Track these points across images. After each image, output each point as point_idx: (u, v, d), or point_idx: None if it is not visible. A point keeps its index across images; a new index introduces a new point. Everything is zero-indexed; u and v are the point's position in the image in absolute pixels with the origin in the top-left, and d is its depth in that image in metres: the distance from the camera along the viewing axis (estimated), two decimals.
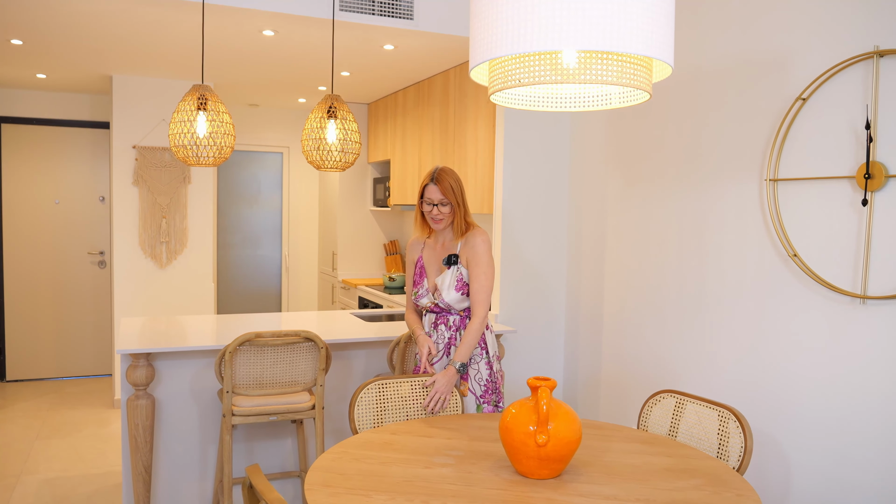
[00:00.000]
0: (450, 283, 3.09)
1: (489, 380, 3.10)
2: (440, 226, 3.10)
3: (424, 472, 2.17)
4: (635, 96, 2.06)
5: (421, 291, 3.19)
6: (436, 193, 3.06)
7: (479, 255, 3.05)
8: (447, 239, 3.18)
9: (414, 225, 3.23)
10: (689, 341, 3.57)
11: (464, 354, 3.01)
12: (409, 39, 4.42)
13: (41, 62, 5.36)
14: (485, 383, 3.09)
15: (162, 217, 6.00)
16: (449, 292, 3.08)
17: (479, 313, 3.04)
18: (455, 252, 3.12)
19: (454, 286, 3.08)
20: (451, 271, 3.10)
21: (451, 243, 3.16)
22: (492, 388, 3.10)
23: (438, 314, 3.16)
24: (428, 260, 3.22)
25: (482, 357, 3.10)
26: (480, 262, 3.05)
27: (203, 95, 3.46)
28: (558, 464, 2.13)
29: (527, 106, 2.16)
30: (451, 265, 3.10)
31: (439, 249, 3.19)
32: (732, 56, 3.31)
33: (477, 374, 3.09)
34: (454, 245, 3.14)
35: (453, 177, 3.08)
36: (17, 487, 4.28)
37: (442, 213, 3.07)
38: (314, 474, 2.13)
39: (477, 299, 3.05)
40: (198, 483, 3.72)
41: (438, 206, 3.07)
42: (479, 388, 3.09)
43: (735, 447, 2.48)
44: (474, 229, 3.12)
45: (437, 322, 3.16)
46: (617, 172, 4.10)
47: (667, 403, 2.75)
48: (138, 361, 3.37)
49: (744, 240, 3.25)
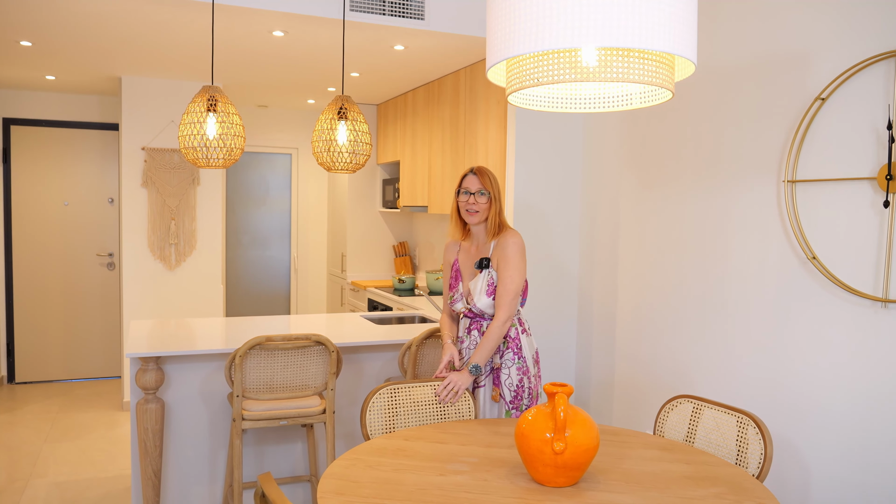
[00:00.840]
0: (481, 288, 3.02)
1: (520, 386, 3.01)
2: (475, 219, 3.03)
3: (439, 479, 2.13)
4: (656, 96, 2.02)
5: (456, 296, 3.14)
6: (474, 183, 3.02)
7: (508, 257, 2.98)
8: (481, 241, 3.12)
9: (450, 223, 3.17)
10: (705, 345, 3.52)
11: (480, 356, 2.94)
12: (419, 40, 4.38)
13: (50, 64, 5.35)
14: (515, 389, 3.01)
15: (171, 219, 5.98)
16: (480, 297, 3.02)
17: (500, 316, 2.95)
18: (487, 255, 3.07)
19: (485, 291, 3.02)
20: (483, 276, 3.03)
21: (484, 246, 3.10)
22: (522, 394, 3.01)
23: (472, 319, 3.09)
24: (463, 263, 3.17)
25: (514, 362, 3.01)
26: (510, 264, 2.97)
27: (213, 97, 3.43)
28: (576, 471, 2.09)
29: (545, 107, 2.12)
30: (483, 269, 3.04)
31: (474, 252, 3.14)
32: (750, 55, 3.26)
33: (507, 378, 3.01)
34: (487, 248, 3.08)
35: (493, 174, 3.06)
36: (26, 491, 4.25)
37: (479, 204, 3.01)
38: (327, 482, 2.09)
39: (501, 301, 2.96)
40: (207, 487, 3.69)
41: (476, 196, 3.01)
42: (508, 393, 3.01)
43: (754, 454, 2.43)
44: (508, 231, 3.05)
45: (470, 327, 3.09)
46: (631, 174, 4.05)
47: (684, 409, 2.70)
48: (148, 365, 3.34)
49: (761, 242, 3.20)
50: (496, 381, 3.03)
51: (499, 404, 3.04)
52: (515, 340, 3.03)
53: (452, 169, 5.31)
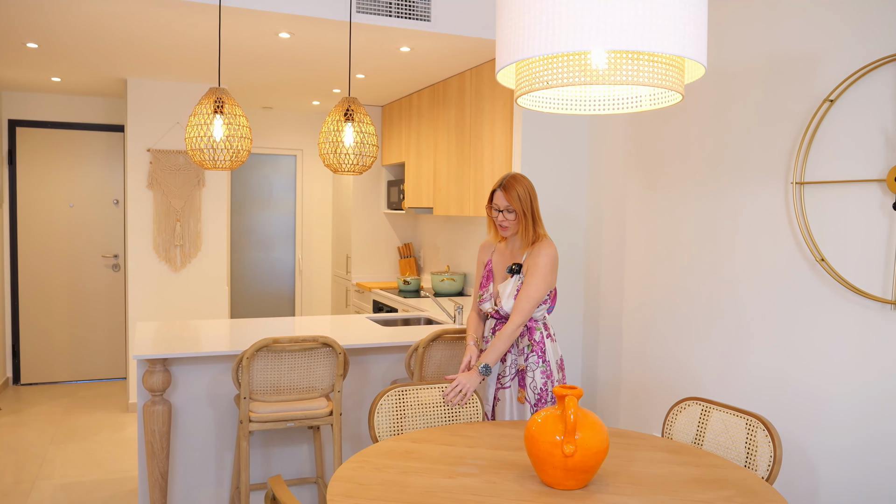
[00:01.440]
0: (510, 293, 3.05)
1: (543, 389, 3.04)
2: (507, 233, 3.09)
3: (447, 482, 2.13)
4: (666, 98, 2.01)
5: (485, 296, 3.18)
6: (502, 200, 3.02)
7: (537, 267, 3.00)
8: (516, 247, 3.15)
9: (487, 229, 3.20)
10: (712, 347, 3.51)
11: (490, 357, 2.97)
12: (425, 41, 4.38)
13: (56, 65, 5.36)
14: (539, 392, 3.03)
15: (176, 220, 5.98)
16: (508, 301, 3.05)
17: (514, 320, 2.98)
18: (520, 261, 3.09)
19: (513, 296, 3.04)
20: (513, 280, 3.07)
21: (518, 251, 3.13)
22: (546, 397, 3.03)
23: (498, 321, 3.13)
24: (497, 265, 3.20)
25: (538, 365, 3.04)
26: (537, 273, 2.99)
27: (220, 98, 3.43)
28: (585, 474, 2.09)
29: (554, 109, 2.12)
30: (514, 274, 3.08)
31: (508, 255, 3.17)
32: (758, 56, 3.25)
33: (532, 382, 3.04)
34: (521, 254, 3.11)
35: (524, 185, 3.02)
36: (32, 493, 4.26)
37: (507, 221, 3.03)
38: (336, 485, 2.09)
39: (519, 306, 2.98)
40: (214, 489, 3.69)
41: (504, 213, 3.03)
42: (533, 396, 3.03)
43: (764, 457, 2.42)
44: (543, 241, 3.06)
45: (495, 328, 3.13)
46: (637, 175, 4.05)
47: (692, 411, 2.70)
48: (154, 367, 3.34)
49: (769, 244, 3.20)
50: (521, 382, 3.06)
51: (524, 407, 3.07)
52: (540, 344, 3.06)
53: (458, 170, 5.31)
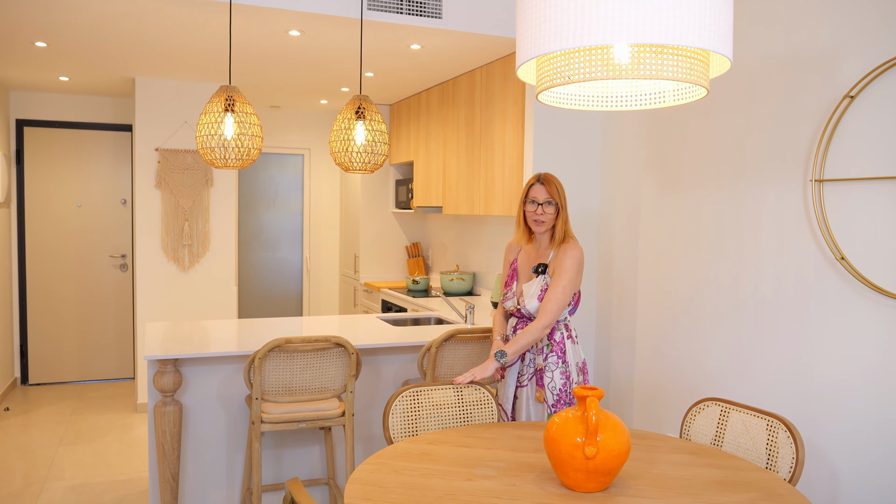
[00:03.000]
0: (534, 292, 3.05)
1: (562, 390, 3.02)
2: (542, 228, 3.06)
3: (467, 484, 2.09)
4: (690, 93, 1.97)
5: (509, 294, 3.17)
6: (542, 193, 3.03)
7: (564, 268, 3.00)
8: (543, 246, 3.14)
9: (515, 229, 3.19)
10: (728, 347, 3.47)
11: (510, 348, 2.97)
12: (436, 39, 4.35)
13: (64, 65, 5.34)
14: (558, 393, 3.02)
15: (184, 220, 5.96)
16: (531, 300, 3.05)
17: (542, 319, 2.97)
18: (546, 262, 3.08)
19: (537, 295, 3.04)
20: (538, 280, 3.06)
21: (545, 252, 3.12)
22: (565, 399, 3.02)
23: (520, 319, 3.13)
24: (522, 264, 3.20)
25: (558, 366, 3.03)
26: (563, 274, 2.99)
27: (230, 97, 3.40)
28: (606, 477, 2.05)
29: (575, 105, 2.08)
30: (539, 274, 3.07)
31: (534, 255, 3.16)
32: (776, 53, 3.21)
33: (550, 381, 3.02)
34: (547, 254, 3.10)
35: (559, 182, 3.06)
36: (42, 494, 4.23)
37: (546, 214, 3.03)
38: (353, 487, 2.06)
39: (546, 308, 2.98)
40: (225, 491, 3.66)
41: (543, 206, 3.03)
42: (552, 396, 3.02)
43: (785, 458, 2.38)
44: (570, 242, 3.06)
45: (516, 327, 3.13)
46: (651, 174, 4.01)
47: (711, 412, 2.66)
48: (165, 367, 3.32)
49: (787, 242, 3.16)
50: (539, 382, 3.05)
51: (541, 406, 3.06)
52: (560, 344, 3.05)
53: (468, 169, 5.28)
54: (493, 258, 5.72)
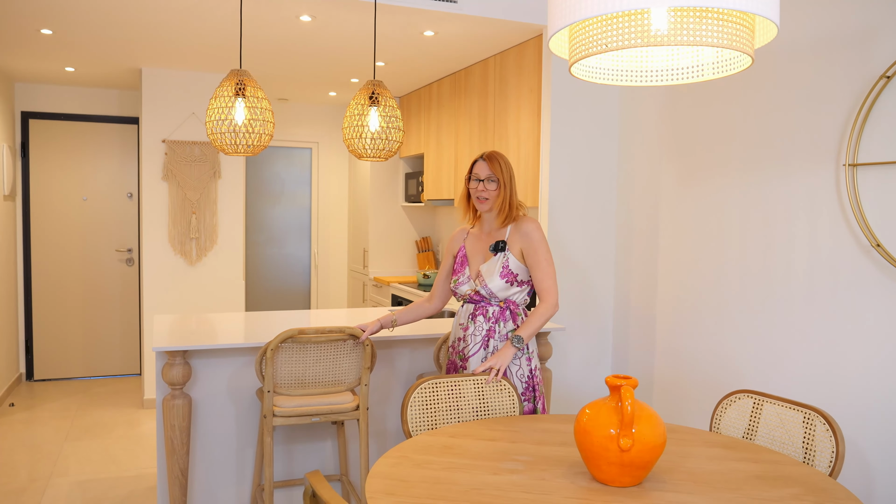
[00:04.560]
0: (496, 270, 2.96)
1: (530, 377, 2.96)
2: (485, 206, 2.99)
3: (493, 478, 1.99)
4: (731, 64, 1.86)
5: (462, 279, 3.07)
6: (484, 169, 2.98)
7: (535, 243, 2.94)
8: (493, 228, 3.06)
9: (459, 209, 3.13)
10: (755, 340, 3.36)
11: (524, 331, 2.89)
12: (450, 25, 4.24)
13: (70, 54, 5.24)
14: (526, 379, 2.96)
15: (192, 213, 5.86)
16: (493, 279, 2.95)
17: (548, 299, 2.92)
18: (503, 239, 2.98)
19: (499, 273, 2.96)
20: (498, 258, 2.98)
21: (497, 231, 3.04)
22: (531, 384, 2.96)
23: (478, 304, 3.03)
24: (472, 249, 3.11)
25: (523, 352, 2.95)
26: (539, 249, 2.94)
27: (241, 81, 3.30)
28: (641, 470, 1.94)
29: (609, 80, 1.98)
30: (499, 251, 2.98)
31: (485, 238, 3.08)
32: (806, 32, 3.10)
33: (518, 369, 2.95)
34: (502, 233, 3.02)
35: (504, 159, 3.00)
36: (47, 490, 4.14)
37: (488, 191, 2.97)
38: (374, 481, 1.96)
39: (544, 286, 2.93)
40: (235, 487, 3.57)
41: (485, 183, 2.97)
42: (520, 384, 2.95)
43: (824, 452, 2.28)
44: (525, 217, 3.01)
45: (475, 313, 3.02)
46: (672, 162, 3.90)
47: (743, 404, 2.55)
48: (174, 359, 3.22)
49: (818, 230, 3.04)
50: (505, 372, 2.94)
51: None
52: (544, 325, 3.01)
53: None
54: None
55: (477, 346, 2.98)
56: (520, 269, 2.95)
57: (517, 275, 2.95)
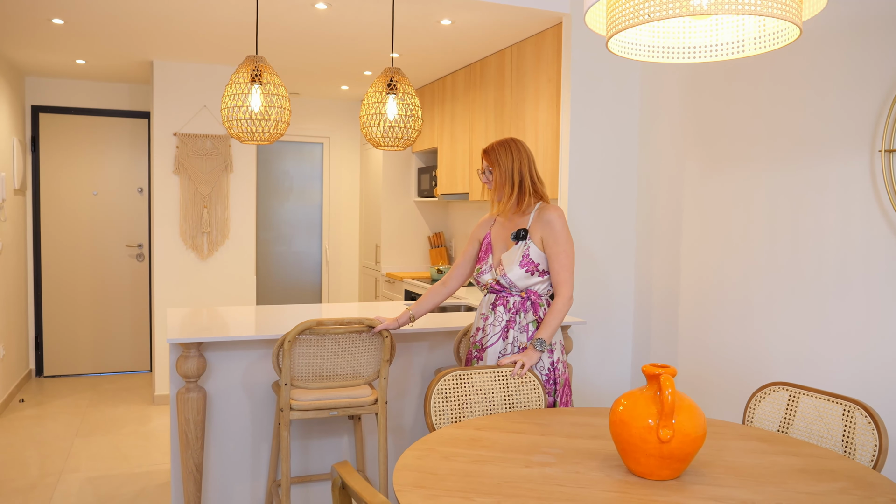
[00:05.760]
0: (515, 259, 2.89)
1: (551, 369, 2.88)
2: (494, 196, 2.99)
3: (526, 471, 1.91)
4: (773, 40, 1.78)
5: (484, 268, 3.01)
6: (483, 162, 3.01)
7: (556, 233, 2.85)
8: (514, 215, 2.99)
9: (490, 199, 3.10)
10: (785, 334, 3.27)
11: (545, 332, 2.81)
12: (468, 13, 4.16)
13: (81, 46, 5.18)
14: (546, 372, 2.87)
15: (203, 207, 5.80)
16: (512, 268, 2.87)
17: (563, 293, 2.84)
18: (525, 227, 2.90)
19: (518, 262, 2.88)
20: (519, 247, 2.90)
21: (520, 219, 2.96)
22: (552, 377, 2.87)
23: (498, 294, 2.95)
24: (496, 237, 3.04)
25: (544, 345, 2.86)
26: (559, 239, 2.85)
27: (257, 67, 3.23)
28: (681, 463, 1.86)
29: (647, 57, 1.89)
30: (520, 240, 2.90)
31: (508, 226, 3.01)
32: (839, 14, 3.01)
33: (539, 362, 2.87)
34: (525, 220, 2.94)
35: (508, 146, 2.95)
36: (58, 486, 4.08)
37: (487, 179, 3.00)
38: (402, 474, 1.88)
39: (560, 279, 2.85)
40: (250, 483, 3.49)
41: (485, 174, 3.01)
42: (541, 376, 2.87)
43: (866, 446, 2.19)
44: (547, 206, 2.93)
45: (495, 303, 2.95)
46: (695, 150, 3.81)
47: (778, 397, 2.47)
48: (189, 352, 3.15)
49: (851, 219, 2.95)
50: None
51: None
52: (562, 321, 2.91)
53: None
54: None
55: (496, 337, 2.91)
56: (541, 259, 2.87)
57: (538, 264, 2.87)
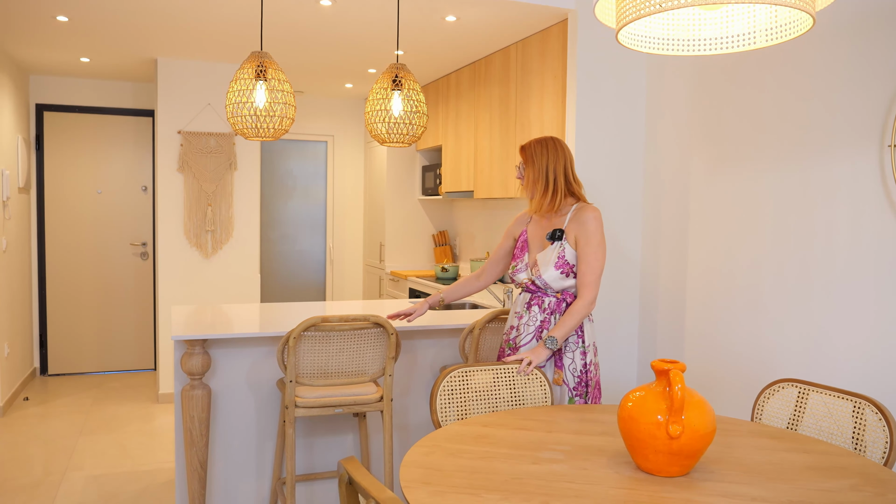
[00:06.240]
0: (550, 260, 2.84)
1: (583, 371, 2.84)
2: (527, 193, 2.97)
3: (533, 468, 1.90)
4: (788, 30, 1.76)
5: (520, 266, 2.98)
6: (520, 155, 2.99)
7: (590, 234, 2.80)
8: (550, 214, 2.96)
9: None
10: (793, 330, 3.25)
11: (559, 332, 2.77)
12: (474, 9, 4.15)
13: (85, 44, 5.17)
14: (579, 374, 2.83)
15: (207, 205, 5.79)
16: (547, 269, 2.84)
17: (585, 295, 2.79)
18: (561, 227, 2.87)
19: (553, 263, 2.84)
20: (554, 248, 2.86)
21: (557, 218, 2.93)
22: (584, 379, 2.84)
23: (534, 293, 2.92)
24: (532, 235, 3.01)
25: (577, 346, 2.83)
26: (591, 241, 2.80)
27: (262, 63, 3.22)
28: (690, 459, 1.84)
29: (657, 49, 1.88)
30: (556, 240, 2.86)
31: (545, 225, 2.97)
32: (847, 8, 2.99)
33: (571, 363, 2.83)
34: (561, 220, 2.91)
35: (545, 144, 2.91)
36: (62, 484, 4.07)
37: (520, 175, 2.99)
38: (409, 470, 1.87)
39: (585, 281, 2.80)
40: (254, 481, 3.48)
41: (520, 168, 2.98)
42: (572, 378, 2.83)
43: (877, 443, 2.17)
44: (585, 206, 2.89)
45: (531, 302, 2.91)
46: (702, 147, 3.79)
47: (787, 394, 2.45)
48: (194, 349, 3.13)
49: (860, 215, 2.93)
50: (558, 363, 2.86)
51: (561, 390, 2.85)
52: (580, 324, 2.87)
53: (501, 151, 5.07)
54: None
55: (529, 337, 2.89)
56: (576, 260, 2.85)
57: (573, 265, 2.83)
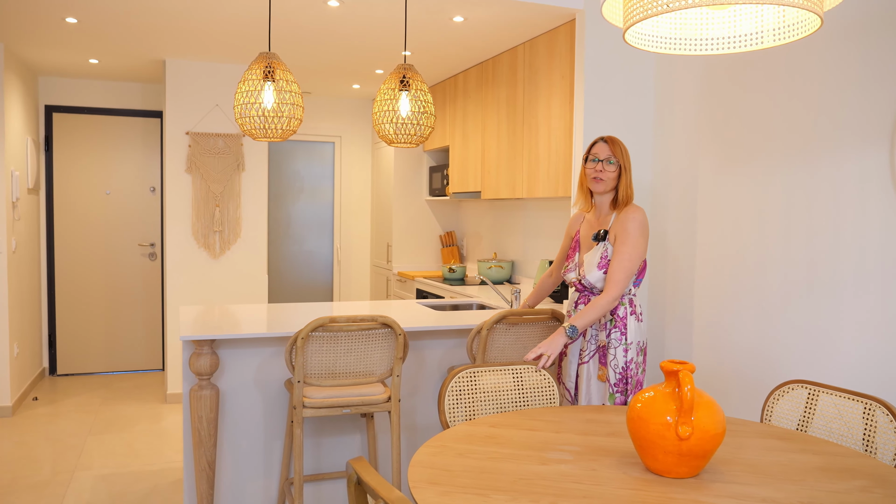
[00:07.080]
0: (594, 261, 2.88)
1: (625, 368, 2.85)
2: (601, 187, 2.91)
3: (541, 468, 1.89)
4: (795, 30, 1.75)
5: (571, 265, 3.03)
6: (604, 150, 2.91)
7: (627, 233, 2.82)
8: (603, 213, 2.99)
9: (577, 193, 3.08)
10: (801, 332, 3.24)
11: (578, 321, 2.78)
12: (481, 9, 4.15)
13: (94, 45, 5.19)
14: (620, 371, 2.85)
15: (215, 205, 5.80)
16: (591, 270, 2.88)
17: (611, 291, 2.80)
18: (607, 227, 2.91)
19: (597, 264, 2.87)
20: (598, 248, 2.90)
21: (605, 218, 2.96)
22: (625, 376, 2.85)
23: (582, 293, 2.96)
24: (584, 235, 3.05)
25: (620, 343, 2.84)
26: (627, 240, 2.82)
27: (270, 64, 3.22)
28: (699, 460, 1.84)
29: (665, 49, 1.87)
30: (600, 241, 2.89)
31: (595, 224, 3.01)
32: (856, 7, 2.97)
33: (613, 359, 2.85)
34: (608, 220, 2.94)
35: (624, 146, 2.93)
36: (71, 483, 4.08)
37: (606, 172, 2.90)
38: (416, 470, 1.86)
39: (614, 277, 2.81)
40: (262, 480, 3.49)
41: (604, 163, 2.90)
42: (613, 375, 2.85)
43: (887, 444, 2.16)
44: (631, 206, 2.90)
45: (578, 301, 2.97)
46: (710, 146, 3.78)
47: (797, 395, 2.44)
48: (202, 349, 3.14)
49: (869, 215, 2.92)
50: (602, 359, 2.89)
51: (603, 386, 2.89)
52: (623, 320, 2.88)
53: (509, 151, 5.07)
54: (530, 246, 5.51)
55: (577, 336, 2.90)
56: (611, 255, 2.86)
57: None
